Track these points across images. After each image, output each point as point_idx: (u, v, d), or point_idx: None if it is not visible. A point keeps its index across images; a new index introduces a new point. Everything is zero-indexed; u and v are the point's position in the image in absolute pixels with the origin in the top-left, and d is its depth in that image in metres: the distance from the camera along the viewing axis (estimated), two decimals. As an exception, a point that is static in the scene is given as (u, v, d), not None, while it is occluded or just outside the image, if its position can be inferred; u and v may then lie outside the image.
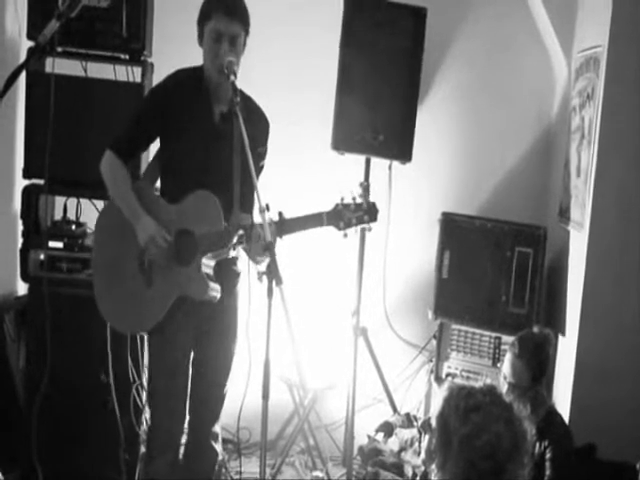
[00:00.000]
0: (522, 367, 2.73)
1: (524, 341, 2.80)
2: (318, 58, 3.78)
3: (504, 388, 2.72)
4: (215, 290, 2.52)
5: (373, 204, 2.40)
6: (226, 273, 2.65)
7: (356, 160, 3.64)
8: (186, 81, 2.62)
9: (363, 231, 3.63)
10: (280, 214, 2.37)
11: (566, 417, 3.06)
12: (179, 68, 2.67)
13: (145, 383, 3.06)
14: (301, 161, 3.85)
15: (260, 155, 2.68)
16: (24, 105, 3.11)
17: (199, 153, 2.58)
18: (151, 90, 2.73)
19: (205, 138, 2.58)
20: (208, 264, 2.52)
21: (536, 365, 2.74)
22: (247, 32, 2.58)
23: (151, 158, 2.80)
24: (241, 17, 2.54)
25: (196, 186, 2.52)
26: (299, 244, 2.69)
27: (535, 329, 2.89)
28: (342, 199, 2.38)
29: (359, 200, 2.42)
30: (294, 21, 3.89)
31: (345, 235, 2.39)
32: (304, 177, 3.87)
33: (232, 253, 2.57)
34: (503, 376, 2.78)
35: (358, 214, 2.39)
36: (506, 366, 2.78)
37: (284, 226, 2.38)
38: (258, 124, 2.67)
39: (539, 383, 2.76)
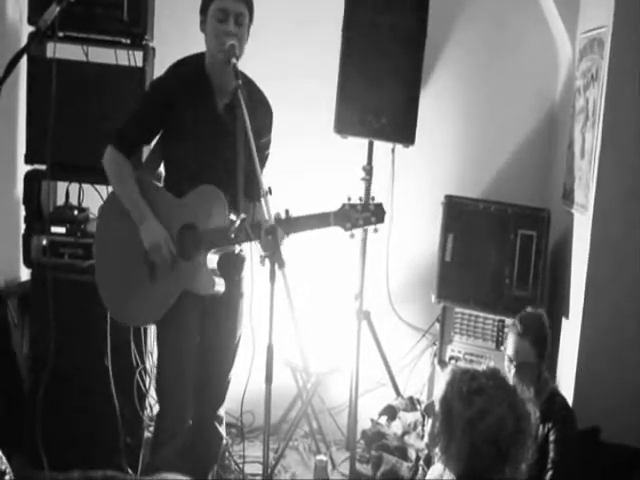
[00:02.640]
0: (527, 345, 2.73)
1: (526, 320, 2.81)
2: (320, 42, 3.75)
3: (511, 371, 2.73)
4: (220, 285, 2.53)
5: (380, 205, 2.36)
6: (231, 259, 2.64)
7: (359, 143, 3.62)
8: (188, 73, 2.60)
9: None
10: (287, 212, 2.33)
11: (570, 400, 3.06)
12: (180, 58, 2.64)
13: (148, 367, 3.07)
14: (304, 145, 3.82)
15: (264, 145, 2.68)
16: (26, 90, 3.09)
17: (203, 145, 2.57)
18: (152, 84, 2.70)
19: (209, 129, 2.57)
20: (212, 258, 2.52)
21: (542, 341, 2.76)
22: (251, 17, 2.56)
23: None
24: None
25: (200, 178, 2.51)
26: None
27: (529, 309, 2.91)
28: (349, 199, 2.35)
29: (366, 201, 2.38)
30: (296, 4, 3.86)
31: (352, 235, 2.36)
32: (307, 161, 3.86)
33: (237, 248, 2.58)
34: (508, 359, 2.78)
35: (365, 215, 2.34)
36: (510, 348, 2.78)
37: (291, 225, 2.33)
38: (262, 115, 2.65)
39: (543, 361, 2.76)
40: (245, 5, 2.52)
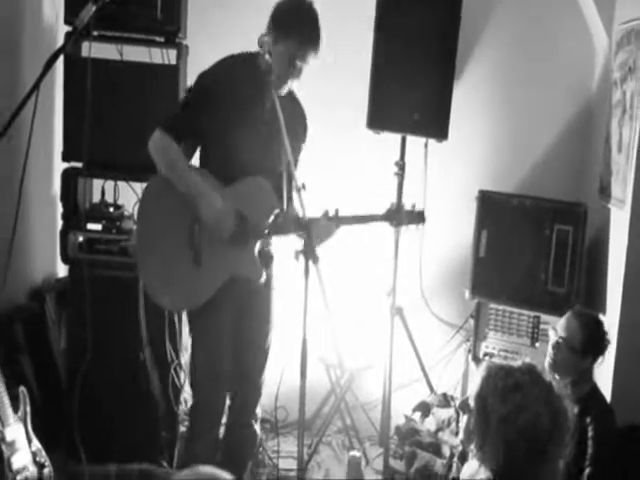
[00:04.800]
0: (577, 326, 2.70)
1: (586, 310, 2.86)
2: (353, 36, 3.73)
3: (551, 341, 2.72)
4: (263, 274, 2.60)
5: (422, 212, 2.68)
6: (260, 254, 2.67)
7: (392, 139, 3.61)
8: (237, 67, 2.63)
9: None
10: (336, 211, 2.54)
11: (608, 397, 3.02)
12: (230, 54, 2.67)
13: (183, 363, 3.10)
14: (337, 141, 3.82)
15: (296, 151, 2.71)
16: (62, 90, 3.15)
17: (249, 137, 2.59)
18: (202, 74, 2.70)
19: (256, 122, 2.60)
20: (257, 249, 2.59)
21: (591, 332, 2.71)
22: None
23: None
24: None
25: (245, 168, 2.57)
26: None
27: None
28: (392, 204, 2.62)
29: (408, 208, 2.67)
30: (328, 2, 3.84)
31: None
32: (340, 157, 3.86)
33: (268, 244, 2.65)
34: (554, 331, 2.75)
35: (408, 219, 2.66)
36: (561, 322, 2.76)
37: (341, 221, 2.56)
38: (298, 125, 2.73)
39: (587, 358, 2.71)
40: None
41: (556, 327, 2.77)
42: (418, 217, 2.68)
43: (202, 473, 1.50)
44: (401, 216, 2.63)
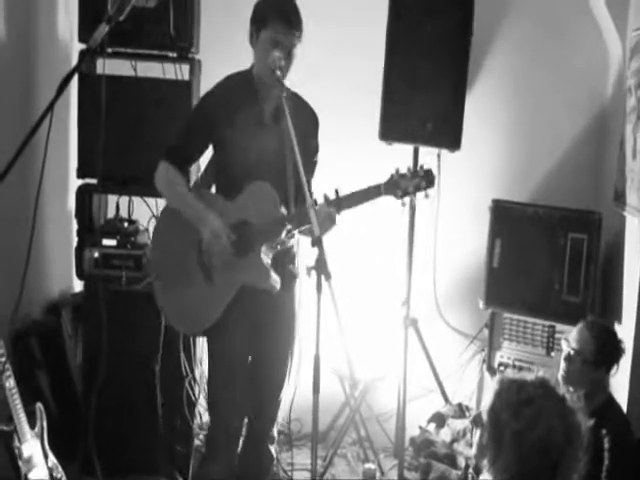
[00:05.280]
0: (589, 337, 2.69)
1: (599, 320, 2.85)
2: (365, 47, 3.75)
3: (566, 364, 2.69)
4: (275, 280, 2.55)
5: (429, 171, 2.41)
6: (283, 271, 2.66)
7: (404, 149, 3.61)
8: (236, 86, 2.64)
9: (414, 213, 3.61)
10: (337, 191, 2.41)
11: (624, 408, 2.99)
12: (226, 75, 2.69)
13: (197, 376, 3.11)
14: (349, 152, 3.83)
15: (313, 149, 2.71)
16: (77, 106, 3.19)
17: (252, 155, 2.61)
18: (202, 98, 2.74)
19: (258, 140, 2.61)
20: (267, 254, 2.56)
21: (604, 343, 2.70)
22: (301, 40, 2.59)
23: (202, 169, 2.84)
24: (298, 26, 2.54)
25: (252, 179, 2.56)
26: (349, 235, 2.68)
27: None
28: (397, 169, 2.41)
29: (414, 169, 2.44)
30: (340, 11, 3.86)
31: (403, 204, 2.41)
32: (352, 168, 3.85)
33: (292, 241, 2.62)
34: (566, 342, 2.74)
35: (415, 181, 2.40)
36: (573, 333, 2.75)
37: (342, 202, 2.42)
38: (307, 118, 2.70)
39: (600, 369, 2.70)
40: (298, 36, 2.53)
41: (568, 338, 2.75)
42: (425, 178, 2.40)
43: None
44: (406, 181, 2.39)
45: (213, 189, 2.79)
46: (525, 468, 1.80)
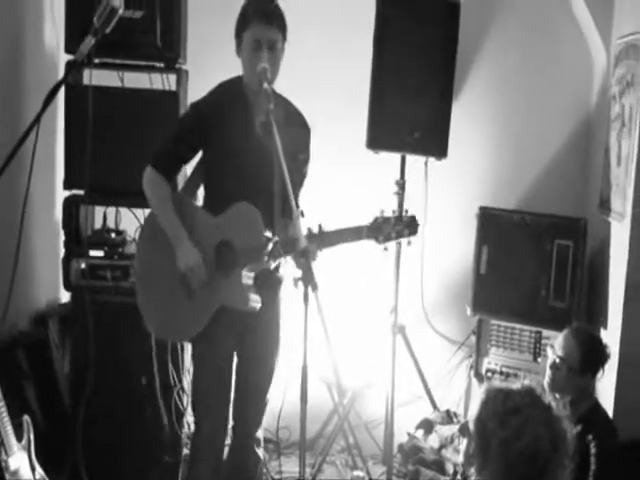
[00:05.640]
0: (574, 344, 2.71)
1: (583, 326, 2.88)
2: (352, 55, 3.76)
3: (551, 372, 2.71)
4: (255, 301, 2.54)
5: (413, 218, 2.35)
6: (268, 279, 2.66)
7: (391, 157, 3.63)
8: (225, 94, 2.64)
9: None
10: (320, 227, 2.36)
11: (610, 412, 3.02)
12: (219, 82, 2.68)
13: (186, 387, 3.11)
14: (336, 160, 3.83)
15: (302, 162, 2.69)
16: (63, 117, 3.17)
17: (241, 164, 2.59)
18: (191, 105, 2.73)
19: (247, 149, 2.59)
20: (248, 275, 2.55)
21: (589, 349, 2.72)
22: (285, 38, 2.58)
23: (189, 173, 2.84)
24: (278, 22, 2.54)
25: (238, 197, 2.54)
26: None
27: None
28: (382, 212, 2.35)
29: (399, 213, 2.38)
30: (327, 18, 3.87)
31: (385, 249, 2.37)
32: (340, 176, 3.87)
33: (272, 264, 2.59)
34: (552, 349, 2.76)
35: (398, 228, 2.34)
36: (558, 340, 2.77)
37: (324, 239, 2.37)
38: (298, 130, 2.68)
39: (586, 375, 2.72)
40: (278, 30, 2.53)
41: (554, 345, 2.77)
42: (409, 226, 2.34)
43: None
44: (389, 227, 2.32)
45: (200, 190, 2.79)
46: (512, 476, 1.81)
